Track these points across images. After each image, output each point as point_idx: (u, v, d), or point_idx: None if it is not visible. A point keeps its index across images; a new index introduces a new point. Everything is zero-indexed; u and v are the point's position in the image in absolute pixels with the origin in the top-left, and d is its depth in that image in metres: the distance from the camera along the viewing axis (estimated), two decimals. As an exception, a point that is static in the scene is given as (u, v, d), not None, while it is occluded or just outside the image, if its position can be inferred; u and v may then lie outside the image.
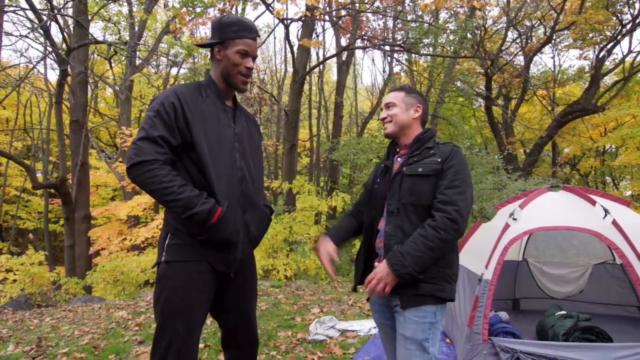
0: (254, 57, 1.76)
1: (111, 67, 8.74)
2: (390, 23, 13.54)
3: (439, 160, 1.69)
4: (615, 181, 17.90)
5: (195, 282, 1.63)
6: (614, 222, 2.77)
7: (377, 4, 9.76)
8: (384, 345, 1.91)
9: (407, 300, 1.64)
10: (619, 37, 11.13)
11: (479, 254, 3.21)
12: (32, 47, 19.97)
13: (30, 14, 7.82)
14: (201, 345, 3.48)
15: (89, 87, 11.79)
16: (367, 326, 3.82)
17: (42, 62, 12.80)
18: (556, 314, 3.27)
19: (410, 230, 1.64)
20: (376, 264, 1.71)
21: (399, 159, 1.82)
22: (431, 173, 1.67)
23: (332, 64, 18.41)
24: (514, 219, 3.05)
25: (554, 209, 3.16)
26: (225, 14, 9.58)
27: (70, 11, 9.00)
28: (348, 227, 1.95)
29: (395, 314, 1.71)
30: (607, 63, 12.30)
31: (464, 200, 1.62)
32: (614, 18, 10.91)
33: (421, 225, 1.62)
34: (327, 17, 9.82)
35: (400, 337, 1.67)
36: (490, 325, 2.87)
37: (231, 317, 1.82)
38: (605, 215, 2.82)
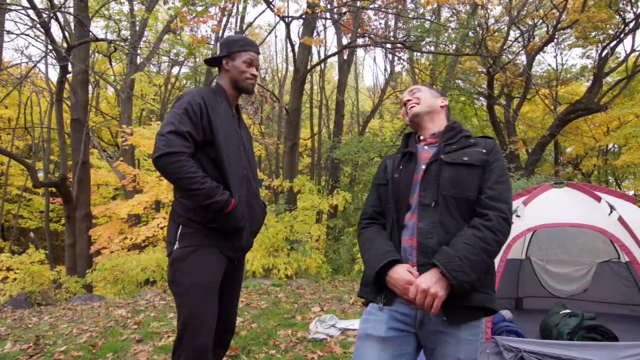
0: (257, 68, 2.01)
1: (111, 64, 8.73)
2: (391, 22, 13.51)
3: (484, 151, 1.50)
4: (618, 180, 17.80)
5: (207, 264, 1.80)
6: (620, 219, 2.72)
7: (378, 2, 9.72)
8: None
9: (459, 315, 1.35)
10: (622, 35, 11.05)
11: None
12: (32, 45, 19.92)
13: (31, 12, 7.81)
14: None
15: (90, 86, 11.78)
16: (368, 325, 3.77)
17: (42, 60, 12.78)
18: (560, 312, 3.22)
19: (453, 228, 1.40)
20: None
21: (425, 147, 1.59)
22: (478, 163, 1.47)
23: (334, 63, 18.37)
24: (517, 215, 3.00)
25: (558, 205, 3.11)
26: (226, 11, 9.56)
27: (71, 10, 8.97)
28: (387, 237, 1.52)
29: (438, 334, 1.39)
30: (609, 62, 12.22)
31: (511, 199, 1.46)
32: (617, 16, 10.82)
33: (471, 225, 1.38)
34: (328, 15, 9.78)
35: None
36: (493, 324, 2.83)
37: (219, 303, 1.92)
38: (611, 211, 2.77)
